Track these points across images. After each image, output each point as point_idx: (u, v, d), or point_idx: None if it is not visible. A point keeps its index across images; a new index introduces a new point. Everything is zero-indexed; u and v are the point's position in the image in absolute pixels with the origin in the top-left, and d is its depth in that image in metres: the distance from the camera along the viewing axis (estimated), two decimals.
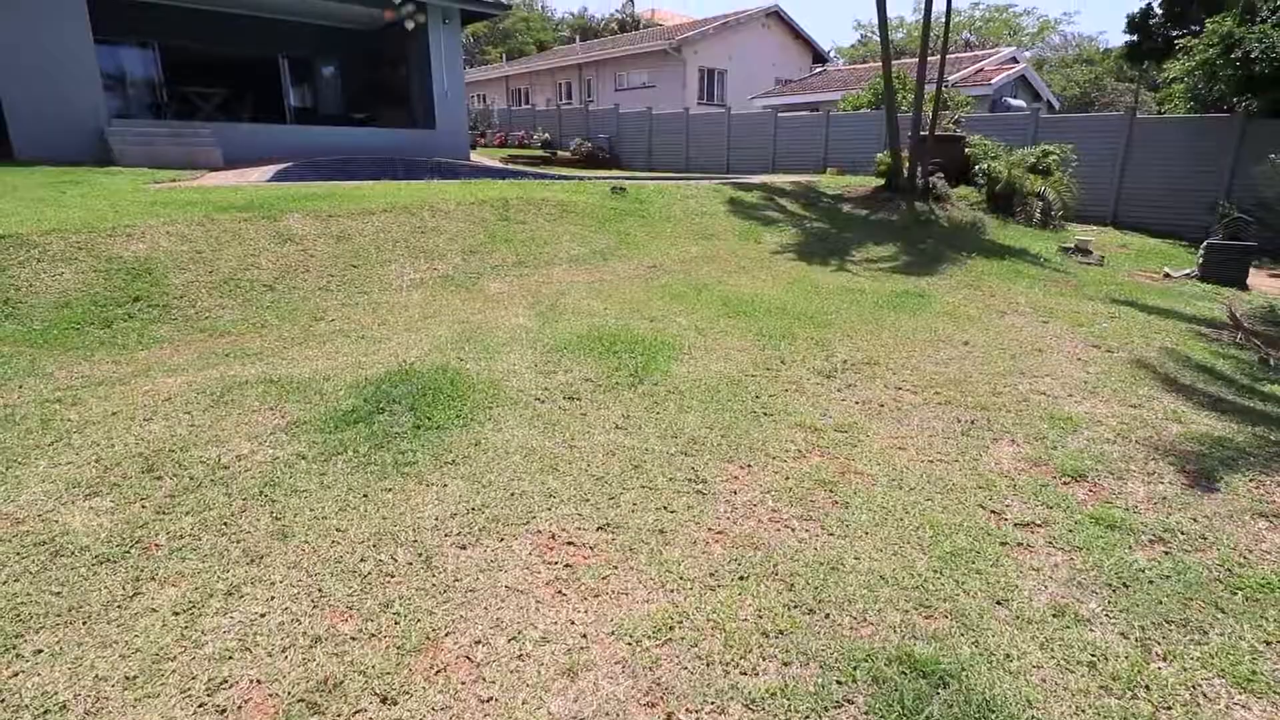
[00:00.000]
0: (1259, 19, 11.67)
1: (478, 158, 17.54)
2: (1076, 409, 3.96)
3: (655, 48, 27.05)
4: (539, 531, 2.51)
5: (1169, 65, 14.62)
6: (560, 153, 21.05)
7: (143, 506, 2.55)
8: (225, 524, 2.46)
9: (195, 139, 11.92)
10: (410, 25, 15.30)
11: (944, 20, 11.66)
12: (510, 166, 16.45)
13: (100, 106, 11.50)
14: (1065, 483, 3.09)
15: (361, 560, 2.30)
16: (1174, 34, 17.11)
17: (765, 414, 3.65)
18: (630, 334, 4.75)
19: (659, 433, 3.34)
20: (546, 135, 23.00)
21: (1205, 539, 2.68)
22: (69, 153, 10.89)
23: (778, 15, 29.14)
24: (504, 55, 43.61)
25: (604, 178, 12.91)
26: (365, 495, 2.67)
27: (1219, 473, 3.22)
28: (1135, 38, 19.04)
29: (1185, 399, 4.25)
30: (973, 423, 3.69)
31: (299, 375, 3.76)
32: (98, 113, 11.44)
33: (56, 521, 2.44)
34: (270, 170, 10.60)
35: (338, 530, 2.45)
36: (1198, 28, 14.07)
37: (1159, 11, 18.44)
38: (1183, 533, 2.71)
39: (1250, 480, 3.17)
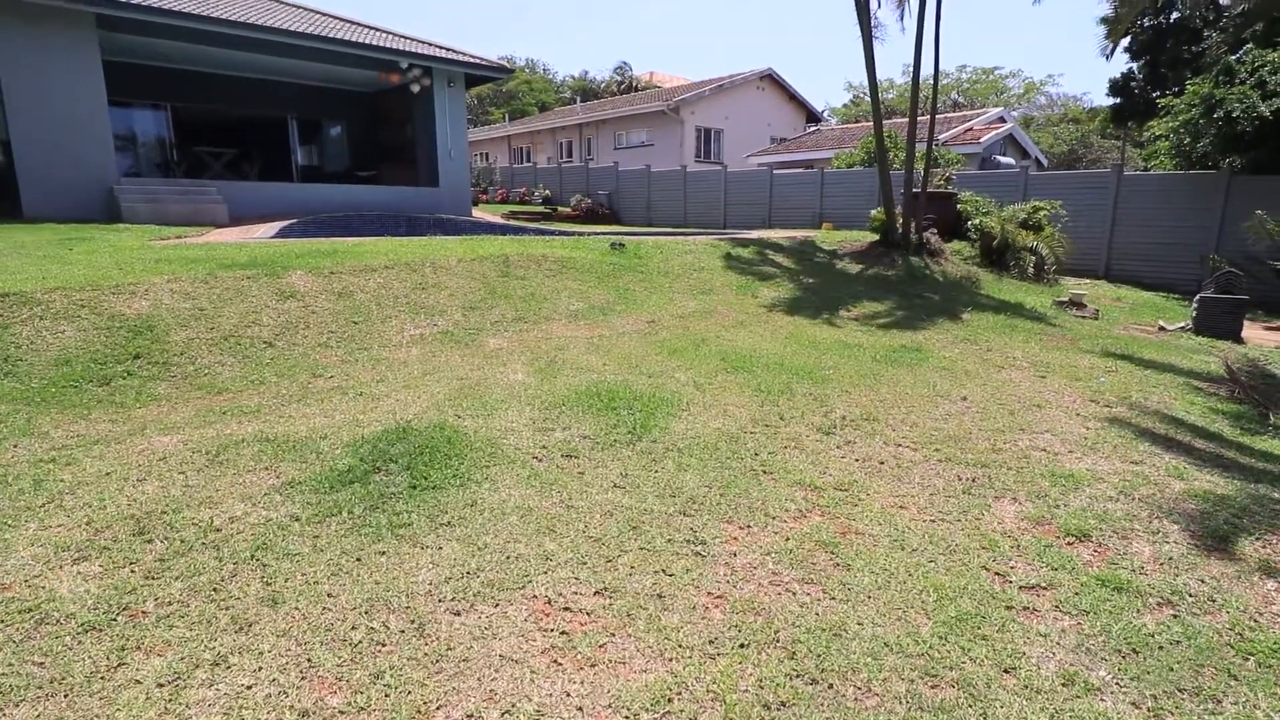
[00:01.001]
0: (1237, 80, 12.09)
1: (480, 214, 17.89)
2: (1078, 465, 3.93)
3: (653, 108, 27.90)
4: (535, 596, 2.46)
5: (1153, 124, 15.08)
6: (561, 208, 21.48)
7: (132, 571, 2.51)
8: (214, 590, 2.41)
9: (202, 196, 12.17)
10: (417, 89, 15.83)
11: (932, 82, 12.08)
12: (511, 222, 16.75)
13: (111, 166, 11.79)
14: (1069, 543, 3.04)
15: (352, 628, 2.25)
16: (1155, 95, 17.74)
17: (764, 472, 3.62)
18: (629, 390, 4.75)
19: (657, 492, 3.31)
20: (547, 192, 23.51)
21: (1214, 601, 2.62)
22: (78, 210, 11.10)
23: (771, 77, 30.16)
24: (507, 115, 44.95)
25: (603, 233, 13.14)
26: (358, 559, 2.63)
27: (1225, 532, 3.18)
28: (1119, 100, 19.73)
29: (1186, 455, 4.23)
30: (974, 480, 3.66)
31: (296, 434, 3.75)
32: (108, 172, 11.71)
33: (43, 587, 2.39)
34: (275, 227, 10.79)
35: (329, 596, 2.40)
36: (1178, 89, 14.58)
37: (1139, 75, 19.15)
38: (1191, 595, 2.66)
39: (1256, 540, 3.13)
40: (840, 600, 2.52)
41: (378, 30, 15.87)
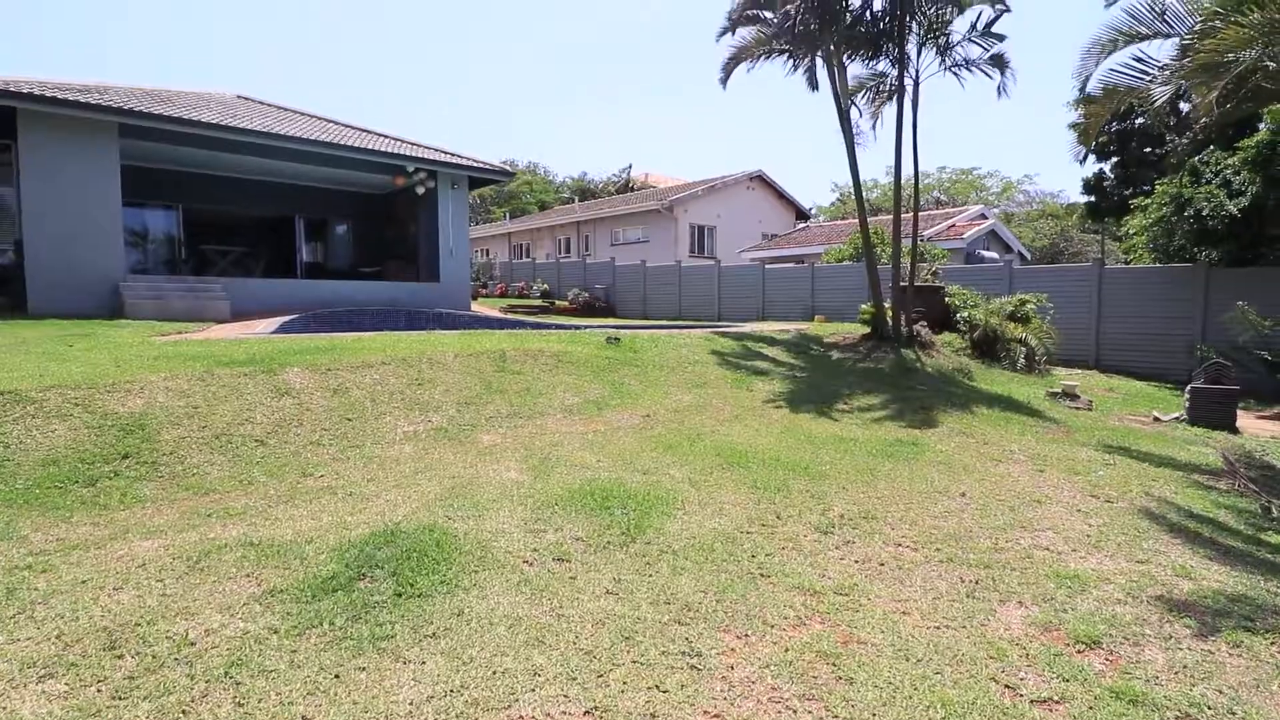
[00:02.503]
0: (1203, 180, 12.70)
1: (478, 308, 18.22)
2: (1083, 565, 3.84)
3: (649, 207, 28.99)
4: (520, 717, 2.33)
5: (1128, 221, 15.71)
6: (558, 302, 21.91)
7: (99, 690, 2.38)
8: (183, 712, 2.28)
9: (206, 293, 12.42)
10: (422, 190, 16.51)
11: (914, 181, 12.64)
12: (509, 316, 17.05)
13: (119, 264, 12.08)
14: (1080, 650, 2.93)
15: None
16: (1127, 193, 18.58)
17: (762, 575, 3.52)
18: (623, 488, 4.69)
19: (651, 598, 3.20)
20: (545, 286, 24.05)
21: (1234, 714, 2.50)
22: (83, 306, 11.29)
23: (761, 178, 31.55)
24: (507, 214, 46.66)
25: (600, 326, 13.35)
26: (337, 676, 2.50)
27: (1238, 635, 3.07)
28: (1093, 198, 20.63)
29: (1192, 552, 4.14)
30: (977, 582, 3.56)
31: (281, 537, 3.66)
32: (116, 270, 11.99)
33: (4, 707, 2.26)
34: (275, 322, 10.95)
35: (303, 719, 2.27)
36: (1148, 187, 15.29)
37: (1111, 175, 20.11)
38: (1209, 707, 2.53)
39: (1271, 643, 3.01)
40: (844, 719, 2.39)
41: (386, 137, 16.73)
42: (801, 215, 33.62)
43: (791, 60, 12.24)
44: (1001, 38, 11.47)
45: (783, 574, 3.55)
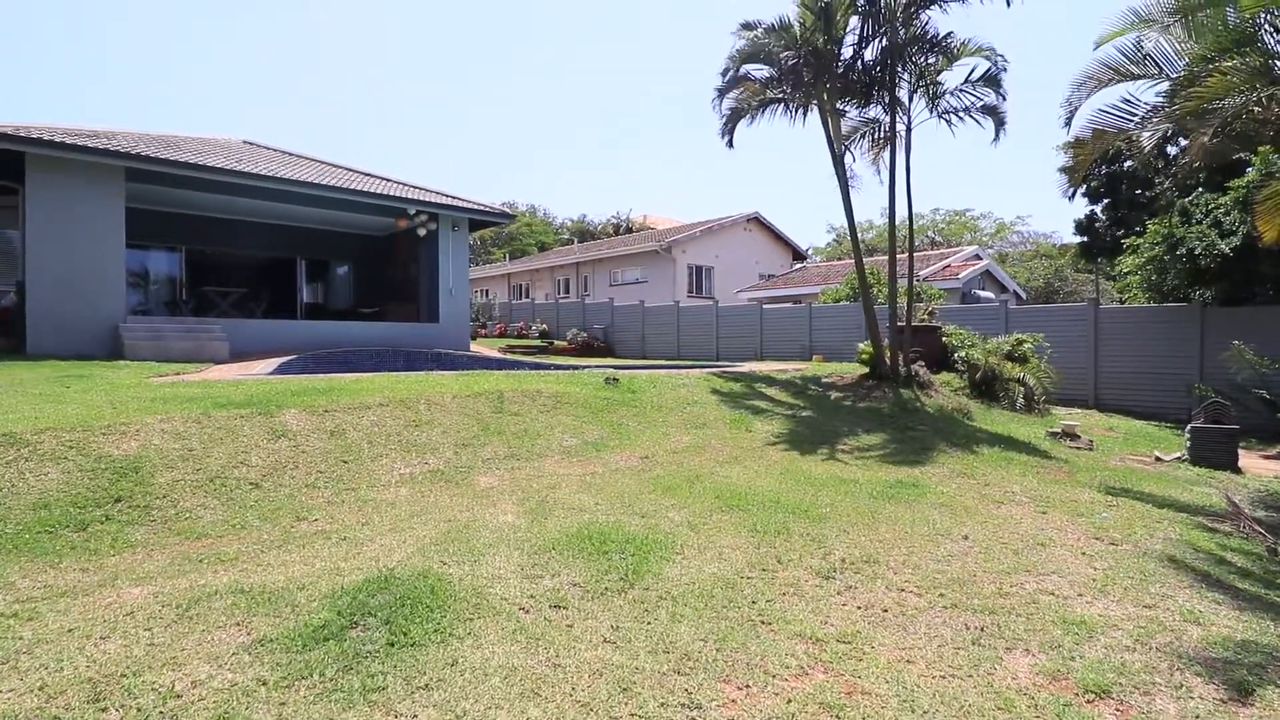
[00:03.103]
0: (1194, 220, 12.88)
1: (477, 348, 18.26)
2: (1089, 611, 3.77)
3: (647, 248, 29.31)
4: None
5: (1120, 260, 15.88)
6: (557, 342, 21.98)
7: None
8: None
9: (205, 334, 12.46)
10: (423, 232, 16.71)
11: (908, 222, 12.80)
12: (508, 356, 17.07)
13: (120, 306, 12.14)
14: (1089, 700, 2.85)
15: None
16: (1119, 233, 18.83)
17: (763, 622, 3.45)
18: (621, 532, 4.63)
19: (650, 647, 3.13)
20: (544, 326, 24.16)
21: None
22: (82, 347, 11.31)
23: (758, 220, 31.99)
24: (507, 255, 47.14)
25: (598, 366, 13.36)
26: None
27: (1249, 684, 3.00)
28: (1085, 238, 20.90)
29: (1200, 596, 4.07)
30: (982, 629, 3.49)
31: (272, 584, 3.59)
32: (116, 311, 12.04)
33: None
34: (273, 363, 10.95)
35: None
36: (1139, 228, 15.50)
37: (1102, 216, 20.41)
38: None
39: None
40: None
41: (389, 180, 17.01)
42: (798, 256, 34.00)
43: (787, 109, 12.53)
44: (997, 85, 11.71)
45: (784, 621, 3.48)
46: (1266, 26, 6.85)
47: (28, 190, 11.34)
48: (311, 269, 19.67)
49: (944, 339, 13.69)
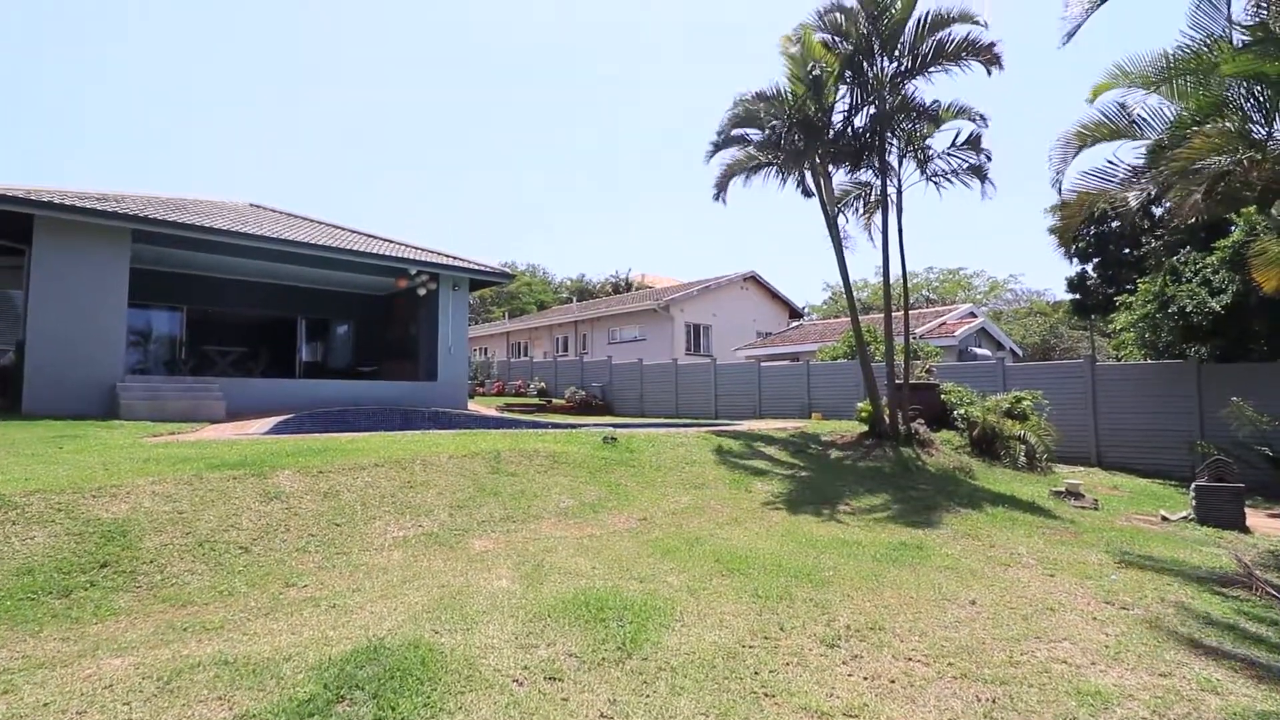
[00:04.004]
0: (1184, 279, 13.08)
1: (475, 406, 18.20)
2: (1103, 680, 3.64)
3: (645, 306, 29.60)
4: None
5: (1114, 317, 16.04)
6: (555, 400, 21.94)
7: None
8: None
9: (203, 393, 12.42)
10: (423, 291, 16.90)
11: (903, 280, 12.96)
12: (506, 415, 17.01)
13: (118, 365, 12.14)
14: None
15: None
16: (1110, 291, 19.09)
17: (766, 694, 3.32)
18: (619, 597, 4.50)
19: None
20: (542, 384, 24.17)
21: None
22: (78, 406, 11.25)
23: (755, 278, 32.43)
24: (506, 313, 47.60)
25: (596, 425, 13.29)
26: None
27: None
28: (1077, 296, 21.16)
29: (1216, 664, 3.94)
30: (994, 701, 3.36)
31: (257, 655, 3.47)
32: (114, 370, 12.03)
33: None
34: (269, 423, 10.89)
35: None
36: (1130, 286, 15.73)
37: (1094, 274, 20.74)
38: None
39: None
40: None
41: (390, 241, 17.30)
42: (795, 314, 34.33)
43: (780, 173, 12.87)
44: (978, 147, 12.10)
45: (788, 693, 3.35)
46: (1243, 93, 7.13)
47: (34, 251, 11.50)
48: (312, 328, 19.78)
49: (942, 396, 13.68)
